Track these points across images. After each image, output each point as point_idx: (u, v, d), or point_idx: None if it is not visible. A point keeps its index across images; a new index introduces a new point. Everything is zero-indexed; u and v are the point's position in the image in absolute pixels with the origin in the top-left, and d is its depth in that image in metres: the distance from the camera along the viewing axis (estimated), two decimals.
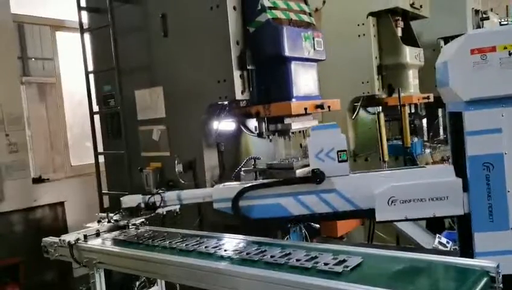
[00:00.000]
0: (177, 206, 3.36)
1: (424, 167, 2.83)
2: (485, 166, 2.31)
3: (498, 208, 2.28)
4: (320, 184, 2.61)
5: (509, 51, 2.23)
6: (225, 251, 2.52)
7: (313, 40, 3.78)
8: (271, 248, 2.47)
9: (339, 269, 2.05)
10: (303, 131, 3.99)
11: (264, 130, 3.81)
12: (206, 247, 2.61)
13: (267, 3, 3.59)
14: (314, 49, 3.79)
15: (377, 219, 2.54)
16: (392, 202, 2.50)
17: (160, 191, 3.26)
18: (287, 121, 3.72)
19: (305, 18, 3.88)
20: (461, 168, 2.46)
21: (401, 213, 2.50)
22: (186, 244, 2.69)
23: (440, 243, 3.42)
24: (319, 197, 2.64)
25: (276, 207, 2.72)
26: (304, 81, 3.78)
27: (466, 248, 2.43)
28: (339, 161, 2.61)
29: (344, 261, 2.15)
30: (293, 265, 2.18)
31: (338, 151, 2.61)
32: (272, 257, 2.32)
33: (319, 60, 3.89)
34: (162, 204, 3.20)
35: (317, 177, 2.60)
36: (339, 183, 2.61)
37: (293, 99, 3.62)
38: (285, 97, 3.63)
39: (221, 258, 2.43)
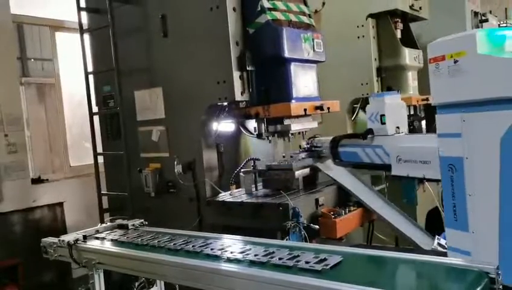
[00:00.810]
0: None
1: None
2: (449, 167, 2.42)
3: (459, 209, 2.38)
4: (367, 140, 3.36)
5: (454, 59, 2.32)
6: (212, 249, 2.55)
7: (313, 41, 3.79)
8: (255, 247, 2.52)
9: (319, 267, 2.11)
10: (302, 132, 4.00)
11: (263, 131, 3.81)
12: (193, 246, 2.63)
13: (266, 5, 3.60)
14: (313, 50, 3.80)
15: (392, 173, 3.08)
16: (399, 160, 3.01)
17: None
18: (286, 122, 3.73)
19: (305, 19, 3.89)
20: None
21: (404, 170, 2.99)
22: (174, 243, 2.71)
23: (439, 244, 3.41)
24: (373, 150, 3.33)
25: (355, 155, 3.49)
26: (304, 82, 3.79)
27: None
28: (382, 123, 3.29)
29: (324, 259, 2.21)
30: (275, 263, 2.23)
31: (380, 115, 3.29)
32: (255, 255, 2.37)
33: (318, 61, 3.90)
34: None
35: (366, 134, 3.36)
36: (381, 141, 3.27)
37: (293, 101, 3.63)
38: (284, 98, 3.64)
39: (219, 258, 2.44)
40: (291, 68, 3.66)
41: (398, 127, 3.34)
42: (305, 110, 3.62)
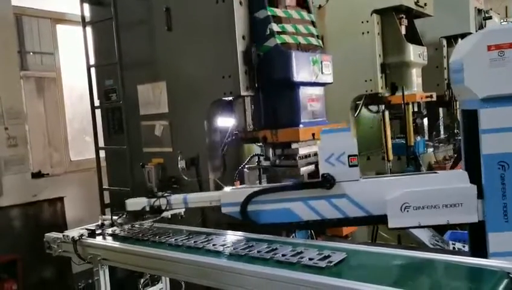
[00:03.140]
0: (182, 210, 3.29)
1: (436, 172, 2.74)
2: (500, 165, 2.26)
3: None
4: (331, 189, 2.56)
5: None
6: (214, 245, 2.56)
7: (321, 64, 3.71)
8: (258, 243, 2.53)
9: (323, 264, 2.11)
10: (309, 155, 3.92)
11: (271, 156, 3.75)
12: (202, 242, 2.63)
13: (276, 28, 3.51)
14: (321, 72, 3.72)
15: (390, 226, 2.49)
16: (405, 208, 2.44)
17: (165, 194, 3.16)
18: (294, 145, 3.65)
19: (313, 41, 3.81)
20: (473, 169, 2.40)
21: (414, 220, 2.44)
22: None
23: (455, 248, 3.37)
24: (330, 203, 2.59)
25: (286, 212, 2.69)
26: (312, 105, 3.71)
27: (477, 250, 2.40)
28: (350, 166, 2.55)
29: (328, 256, 2.21)
30: (278, 260, 2.24)
31: (349, 156, 2.56)
32: (258, 251, 2.38)
33: (326, 83, 3.83)
34: (167, 207, 3.10)
35: (327, 181, 2.54)
36: (349, 188, 2.56)
37: (301, 125, 3.53)
38: (292, 123, 3.53)
39: (226, 255, 2.44)
40: (300, 92, 3.55)
41: None
42: (313, 134, 3.55)
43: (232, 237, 2.75)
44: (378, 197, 2.50)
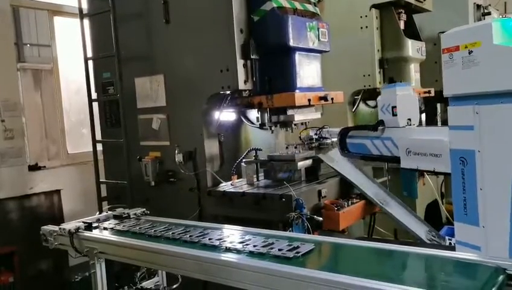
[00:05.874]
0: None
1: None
2: (461, 160, 2.38)
3: (470, 203, 2.34)
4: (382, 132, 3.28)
5: (469, 50, 2.26)
6: (198, 237, 2.60)
7: (318, 30, 3.73)
8: (232, 235, 2.62)
9: (290, 254, 2.18)
10: (305, 123, 3.95)
11: (266, 121, 3.76)
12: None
13: None
14: (318, 39, 3.74)
15: (401, 166, 3.00)
16: (408, 152, 2.95)
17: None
18: (289, 112, 3.67)
19: (310, 8, 3.83)
20: None
21: (414, 163, 2.93)
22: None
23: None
24: (383, 142, 3.26)
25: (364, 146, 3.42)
26: (308, 72, 3.73)
27: None
28: (393, 115, 3.22)
29: (297, 247, 2.28)
30: (250, 250, 2.31)
31: (392, 107, 3.22)
32: (231, 243, 2.45)
33: (323, 51, 3.84)
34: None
35: (375, 126, 3.29)
36: (391, 133, 3.21)
37: (297, 91, 3.57)
38: (288, 88, 3.58)
39: (226, 250, 2.43)
40: (296, 57, 3.60)
41: (409, 119, 3.30)
42: (309, 100, 3.58)
43: (209, 229, 2.79)
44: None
